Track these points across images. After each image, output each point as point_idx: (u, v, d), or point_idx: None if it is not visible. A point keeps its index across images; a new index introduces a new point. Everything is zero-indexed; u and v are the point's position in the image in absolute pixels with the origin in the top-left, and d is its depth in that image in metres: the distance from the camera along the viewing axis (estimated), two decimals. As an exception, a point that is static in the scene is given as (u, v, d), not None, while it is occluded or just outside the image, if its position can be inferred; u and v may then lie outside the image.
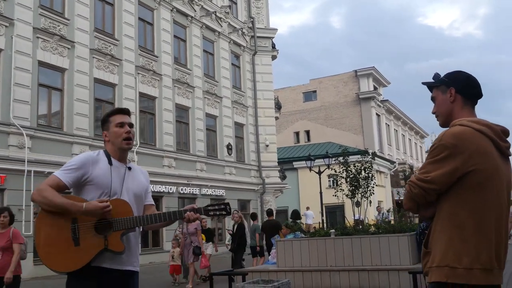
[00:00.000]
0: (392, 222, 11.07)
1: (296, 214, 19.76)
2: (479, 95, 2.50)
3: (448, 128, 2.41)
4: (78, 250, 2.87)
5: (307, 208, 31.30)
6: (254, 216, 15.47)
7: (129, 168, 3.19)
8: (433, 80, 2.58)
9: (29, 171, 15.63)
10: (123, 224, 2.94)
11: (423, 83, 2.64)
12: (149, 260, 19.21)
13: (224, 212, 3.18)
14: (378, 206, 20.13)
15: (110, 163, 3.09)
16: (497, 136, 2.33)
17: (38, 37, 17.00)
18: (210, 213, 3.16)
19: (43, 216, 2.97)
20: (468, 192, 2.26)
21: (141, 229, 3.27)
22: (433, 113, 2.58)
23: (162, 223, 3.18)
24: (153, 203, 3.35)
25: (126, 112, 3.26)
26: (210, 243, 14.37)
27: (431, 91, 2.61)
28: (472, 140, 2.27)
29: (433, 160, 2.31)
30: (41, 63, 17.06)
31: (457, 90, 2.46)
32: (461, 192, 2.27)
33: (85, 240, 2.89)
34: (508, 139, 2.41)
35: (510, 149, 2.42)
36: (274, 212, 15.16)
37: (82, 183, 3.02)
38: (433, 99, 2.57)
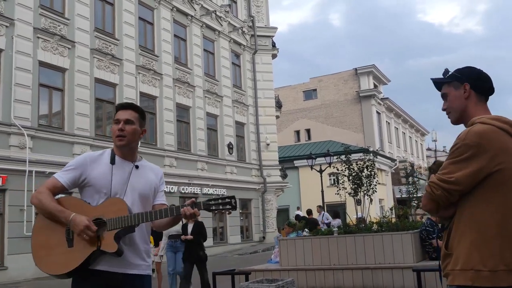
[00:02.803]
0: (394, 220, 11.03)
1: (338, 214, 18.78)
2: (492, 90, 2.45)
3: (469, 126, 2.33)
4: (71, 251, 2.79)
5: (298, 208, 31.28)
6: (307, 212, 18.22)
7: (137, 167, 3.03)
8: (443, 76, 2.52)
9: (30, 172, 15.61)
10: (116, 223, 2.80)
11: (433, 79, 2.55)
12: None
13: (229, 206, 2.85)
14: (318, 206, 19.49)
15: (112, 162, 2.96)
16: None
17: (38, 37, 16.98)
18: (212, 207, 2.87)
19: (40, 219, 2.91)
20: (491, 192, 2.20)
21: (150, 230, 3.13)
22: (444, 109, 2.51)
23: (169, 221, 3.03)
24: (164, 202, 3.14)
25: (125, 107, 3.08)
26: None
27: (439, 88, 2.54)
28: (496, 139, 2.22)
29: (457, 160, 2.24)
30: (42, 63, 17.04)
31: (471, 85, 2.40)
32: (483, 192, 2.21)
33: (78, 241, 2.79)
34: None
35: None
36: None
37: (81, 184, 2.95)
38: (444, 95, 2.50)
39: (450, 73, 2.51)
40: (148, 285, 3.01)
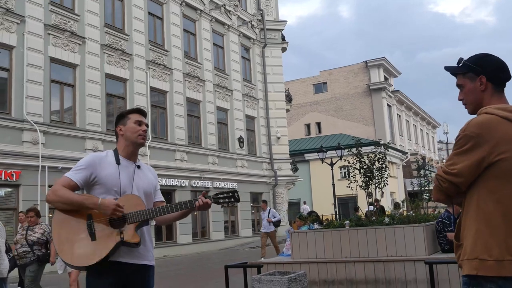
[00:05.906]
0: (405, 213, 11.01)
1: None
2: (509, 78, 2.38)
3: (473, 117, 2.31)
4: (96, 244, 2.94)
5: (304, 203, 31.35)
6: (356, 209, 18.96)
7: (138, 167, 3.26)
8: (457, 66, 2.43)
9: (43, 167, 15.78)
10: (136, 217, 3.00)
11: (446, 68, 2.48)
12: (163, 254, 19.33)
13: (232, 200, 3.21)
14: (263, 201, 18.70)
15: (118, 162, 3.15)
16: None
17: (49, 34, 17.08)
18: (220, 201, 3.20)
19: (58, 215, 3.05)
20: (495, 181, 2.18)
21: (154, 224, 3.31)
22: (460, 99, 2.45)
23: (176, 216, 3.26)
24: (163, 199, 3.41)
25: (145, 114, 3.37)
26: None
27: (454, 75, 2.47)
28: (498, 128, 2.18)
29: (459, 151, 2.23)
30: (53, 60, 17.16)
31: (488, 78, 2.33)
32: (488, 182, 2.20)
33: (101, 235, 2.96)
34: None
35: None
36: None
37: (91, 183, 3.09)
38: (459, 86, 2.44)
39: (464, 62, 2.42)
40: (153, 275, 3.22)
